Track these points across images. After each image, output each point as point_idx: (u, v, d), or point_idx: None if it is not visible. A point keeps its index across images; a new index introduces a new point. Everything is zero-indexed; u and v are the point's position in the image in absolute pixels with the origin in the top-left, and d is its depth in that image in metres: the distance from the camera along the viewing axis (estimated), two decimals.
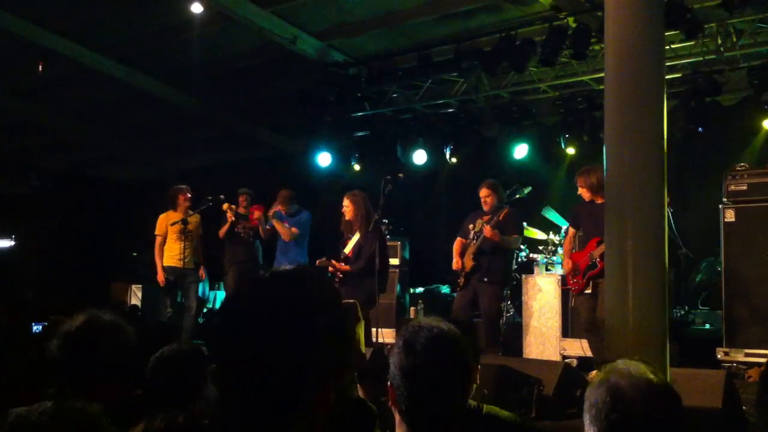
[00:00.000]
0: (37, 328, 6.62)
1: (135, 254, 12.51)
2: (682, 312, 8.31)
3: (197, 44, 9.90)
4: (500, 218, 7.24)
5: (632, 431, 1.65)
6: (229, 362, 1.25)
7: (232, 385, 1.24)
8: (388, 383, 1.89)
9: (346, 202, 7.54)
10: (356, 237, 7.48)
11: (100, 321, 2.54)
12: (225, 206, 8.69)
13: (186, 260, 8.57)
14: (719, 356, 6.95)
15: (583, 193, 6.92)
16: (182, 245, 8.55)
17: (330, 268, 7.43)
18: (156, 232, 8.68)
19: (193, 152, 14.38)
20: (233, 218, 8.67)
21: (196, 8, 8.79)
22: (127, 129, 13.82)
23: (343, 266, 7.44)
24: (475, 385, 2.20)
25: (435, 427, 1.85)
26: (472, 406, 2.25)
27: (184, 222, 8.58)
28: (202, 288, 10.44)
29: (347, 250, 7.50)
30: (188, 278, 8.63)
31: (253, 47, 10.36)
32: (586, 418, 1.71)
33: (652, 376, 1.72)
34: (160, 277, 8.59)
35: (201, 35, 9.61)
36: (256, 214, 8.81)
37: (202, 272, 8.89)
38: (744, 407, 4.69)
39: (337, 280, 7.39)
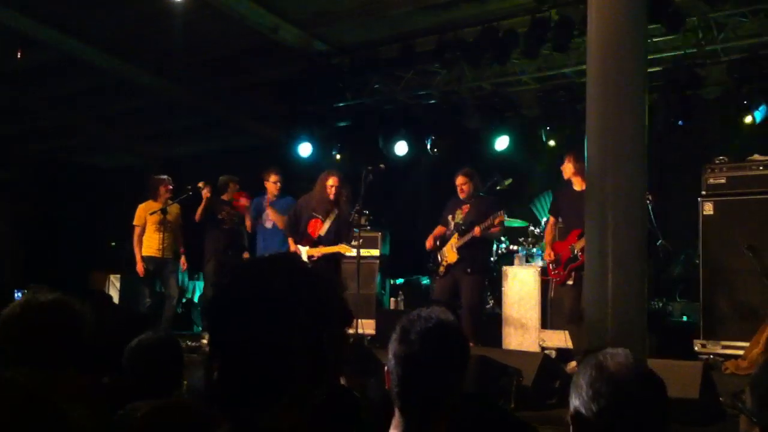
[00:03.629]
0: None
1: (114, 244, 12.41)
2: (661, 304, 8.37)
3: (179, 32, 9.81)
4: (495, 222, 7.18)
5: (620, 414, 1.70)
6: (227, 348, 1.30)
7: (231, 370, 1.29)
8: (385, 368, 1.94)
9: (333, 181, 7.39)
10: (332, 218, 7.41)
11: (36, 302, 2.34)
12: (201, 183, 8.56)
13: (165, 250, 8.51)
14: (696, 348, 7.01)
15: (567, 168, 6.90)
16: (161, 235, 8.48)
17: (314, 253, 7.32)
18: (134, 223, 8.60)
19: (174, 140, 14.30)
20: (209, 194, 8.55)
21: None
22: (108, 116, 13.71)
23: (325, 248, 7.29)
24: None
25: (425, 410, 1.89)
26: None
27: (164, 211, 8.50)
28: (182, 278, 10.37)
29: (323, 231, 7.40)
30: (168, 268, 8.57)
31: (236, 35, 10.28)
32: (574, 400, 1.74)
33: (639, 362, 1.78)
34: (139, 267, 8.52)
35: (183, 23, 9.52)
36: (243, 201, 8.69)
37: (183, 262, 8.81)
38: (720, 398, 4.74)
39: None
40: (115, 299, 11.12)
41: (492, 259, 8.51)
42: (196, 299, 11.70)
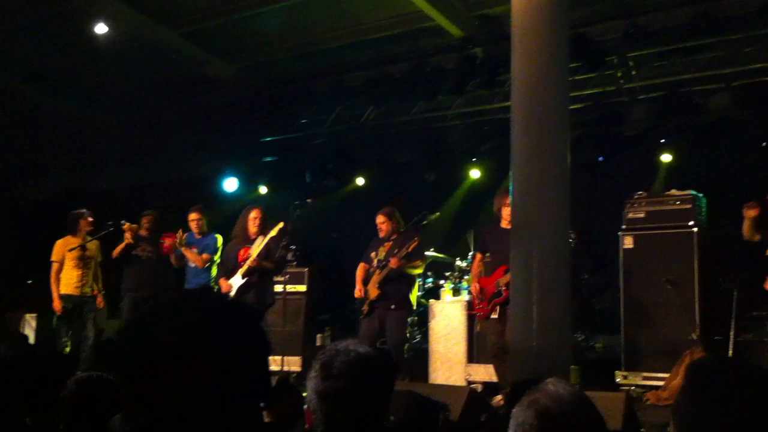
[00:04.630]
0: None
1: (30, 282, 11.93)
2: (583, 336, 8.49)
3: (105, 63, 9.62)
4: (410, 250, 7.20)
5: None
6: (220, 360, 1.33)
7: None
8: (305, 407, 1.88)
9: (257, 213, 7.40)
10: (261, 243, 7.34)
11: None
12: (126, 225, 8.31)
13: (84, 288, 8.21)
14: (618, 380, 7.11)
15: (507, 212, 6.72)
16: (81, 272, 8.18)
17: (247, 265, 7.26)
18: (52, 259, 8.26)
19: (96, 173, 13.92)
20: (131, 240, 8.28)
21: (100, 29, 8.56)
22: (26, 146, 13.29)
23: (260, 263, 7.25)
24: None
25: None
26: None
27: (83, 248, 8.22)
28: (100, 317, 9.98)
29: (253, 251, 7.32)
30: (86, 306, 8.26)
31: (164, 67, 10.14)
32: None
33: (578, 397, 1.76)
34: (57, 305, 8.18)
35: (110, 54, 9.34)
36: (168, 242, 8.45)
37: (100, 300, 8.48)
38: (642, 429, 4.80)
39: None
40: (31, 339, 10.66)
41: (419, 294, 8.50)
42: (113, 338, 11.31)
